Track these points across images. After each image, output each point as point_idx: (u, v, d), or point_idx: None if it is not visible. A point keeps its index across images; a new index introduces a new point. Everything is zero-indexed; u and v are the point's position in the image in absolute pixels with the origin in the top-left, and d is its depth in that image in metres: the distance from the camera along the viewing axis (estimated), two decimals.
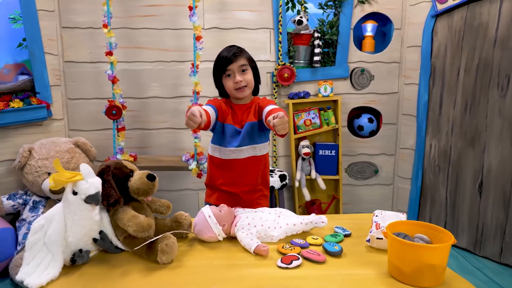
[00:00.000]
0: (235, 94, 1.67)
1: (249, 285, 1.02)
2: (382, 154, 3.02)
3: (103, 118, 2.66)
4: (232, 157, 1.67)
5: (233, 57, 1.61)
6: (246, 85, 1.64)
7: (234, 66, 1.61)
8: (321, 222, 1.31)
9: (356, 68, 2.88)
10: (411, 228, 1.14)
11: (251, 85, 1.68)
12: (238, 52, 1.64)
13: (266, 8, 2.76)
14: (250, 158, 1.69)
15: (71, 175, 1.01)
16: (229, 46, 1.69)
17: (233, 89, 1.65)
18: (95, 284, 1.00)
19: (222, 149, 1.70)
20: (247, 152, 1.68)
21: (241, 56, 1.64)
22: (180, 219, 1.25)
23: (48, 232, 1.03)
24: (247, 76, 1.64)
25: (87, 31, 2.66)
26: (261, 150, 1.72)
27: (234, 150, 1.67)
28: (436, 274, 1.03)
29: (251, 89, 1.69)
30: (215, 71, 1.69)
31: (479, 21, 2.44)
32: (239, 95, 1.67)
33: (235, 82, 1.62)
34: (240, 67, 1.63)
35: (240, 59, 1.63)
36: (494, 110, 2.40)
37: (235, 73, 1.63)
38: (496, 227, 2.45)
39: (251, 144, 1.69)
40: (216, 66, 1.68)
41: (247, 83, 1.64)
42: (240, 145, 1.67)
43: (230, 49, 1.65)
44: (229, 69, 1.62)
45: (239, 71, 1.63)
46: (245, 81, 1.63)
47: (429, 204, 2.87)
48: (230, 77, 1.64)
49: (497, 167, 2.42)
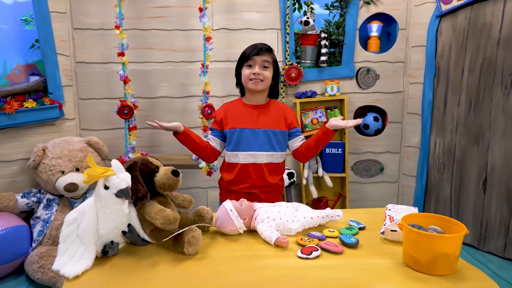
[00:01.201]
0: (249, 84, 1.71)
1: (272, 274, 1.08)
2: (388, 152, 3.08)
3: (114, 117, 2.71)
4: (251, 161, 1.73)
5: (260, 50, 1.67)
6: (262, 80, 1.69)
7: (258, 58, 1.67)
8: (337, 216, 1.37)
9: (362, 67, 2.94)
10: (424, 220, 1.20)
11: (267, 82, 1.72)
12: (266, 48, 1.70)
13: (273, 9, 2.81)
14: (268, 164, 1.74)
15: (104, 170, 1.06)
16: (258, 43, 1.76)
17: (249, 78, 1.70)
18: (127, 273, 1.06)
19: (242, 154, 1.74)
20: (265, 158, 1.73)
21: (268, 54, 1.70)
22: (203, 213, 1.30)
23: (81, 225, 1.08)
24: (266, 72, 1.69)
25: (98, 32, 2.71)
26: (278, 159, 1.78)
27: (253, 154, 1.72)
28: (449, 263, 1.08)
29: (266, 86, 1.73)
30: (239, 61, 1.75)
31: (483, 21, 2.49)
32: (252, 86, 1.71)
33: (253, 73, 1.68)
34: (263, 62, 1.68)
35: (266, 55, 1.69)
36: (498, 108, 2.46)
37: (256, 64, 1.68)
38: (500, 223, 2.51)
39: (270, 150, 1.74)
40: (242, 56, 1.74)
41: (264, 78, 1.69)
42: (260, 150, 1.72)
43: (259, 44, 1.72)
44: (252, 59, 1.68)
45: (261, 65, 1.68)
46: (263, 76, 1.68)
47: (433, 201, 2.92)
48: (250, 67, 1.70)
49: (501, 164, 2.47)
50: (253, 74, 1.68)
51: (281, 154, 1.79)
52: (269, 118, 1.74)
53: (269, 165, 1.76)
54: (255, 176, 1.73)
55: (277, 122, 1.75)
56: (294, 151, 1.82)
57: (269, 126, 1.74)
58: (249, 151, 1.73)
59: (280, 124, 1.75)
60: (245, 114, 1.75)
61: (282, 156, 1.80)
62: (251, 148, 1.73)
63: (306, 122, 2.87)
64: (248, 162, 1.74)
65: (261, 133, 1.73)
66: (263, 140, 1.73)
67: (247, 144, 1.73)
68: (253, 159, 1.73)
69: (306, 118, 2.87)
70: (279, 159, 1.78)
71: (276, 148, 1.75)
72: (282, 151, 1.79)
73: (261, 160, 1.73)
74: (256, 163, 1.73)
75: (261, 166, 1.74)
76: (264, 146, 1.73)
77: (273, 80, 1.77)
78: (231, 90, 2.84)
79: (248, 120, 1.74)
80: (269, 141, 1.73)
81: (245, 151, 1.73)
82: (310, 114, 2.87)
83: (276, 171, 1.80)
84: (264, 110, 1.76)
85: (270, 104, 1.79)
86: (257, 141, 1.73)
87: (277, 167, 1.80)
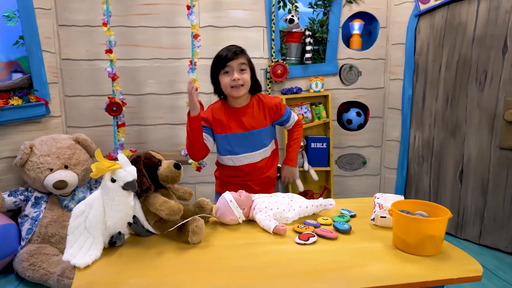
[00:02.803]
0: (231, 92, 1.68)
1: (273, 259, 1.14)
2: (370, 146, 3.20)
3: (100, 114, 2.72)
4: (245, 162, 1.78)
5: (234, 55, 1.64)
6: (243, 84, 1.67)
7: (234, 63, 1.65)
8: (330, 205, 1.45)
9: (344, 64, 3.04)
10: (412, 206, 1.29)
11: (248, 86, 1.70)
12: (239, 51, 1.67)
13: (259, 7, 2.87)
14: (264, 159, 1.81)
15: (111, 164, 1.10)
16: (230, 45, 1.71)
17: (229, 86, 1.66)
18: (135, 262, 1.10)
19: (235, 157, 1.79)
20: (259, 156, 1.79)
21: (242, 56, 1.67)
22: (203, 205, 1.35)
23: (88, 217, 1.12)
24: (244, 76, 1.67)
25: (83, 29, 2.70)
26: (271, 148, 1.85)
27: (247, 156, 1.77)
28: (435, 244, 1.18)
29: (247, 89, 1.71)
30: (214, 68, 1.71)
31: (459, 20, 2.63)
32: (234, 93, 1.68)
33: (233, 80, 1.65)
34: (240, 66, 1.66)
35: (241, 58, 1.66)
36: (473, 103, 2.60)
37: (234, 70, 1.65)
38: (475, 212, 2.66)
39: (263, 148, 1.80)
40: (216, 63, 1.70)
41: (244, 82, 1.67)
42: (253, 151, 1.78)
43: (231, 47, 1.69)
44: (228, 65, 1.65)
45: (238, 69, 1.66)
46: (243, 80, 1.66)
47: (413, 192, 3.06)
48: (228, 74, 1.66)
49: (476, 156, 2.62)
50: (233, 80, 1.65)
51: (271, 145, 1.86)
52: (253, 119, 1.75)
53: (263, 161, 1.83)
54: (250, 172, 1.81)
55: (262, 120, 1.77)
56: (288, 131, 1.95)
57: (256, 127, 1.75)
58: (243, 153, 1.77)
59: (265, 122, 1.78)
60: (232, 118, 1.75)
61: (272, 146, 1.87)
62: (244, 151, 1.77)
63: None
64: (243, 163, 1.79)
65: (250, 135, 1.75)
66: (253, 141, 1.77)
67: (239, 149, 1.76)
68: (248, 160, 1.79)
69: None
70: (271, 150, 1.86)
71: (266, 143, 1.82)
72: (271, 142, 1.86)
73: (256, 159, 1.80)
74: (251, 163, 1.80)
75: (256, 164, 1.81)
76: (256, 146, 1.78)
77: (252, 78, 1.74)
78: None
79: (235, 124, 1.74)
80: (259, 139, 1.78)
81: (238, 154, 1.77)
82: (296, 110, 2.95)
83: (270, 162, 1.87)
84: (249, 110, 1.76)
85: (253, 102, 1.78)
86: (248, 143, 1.76)
87: (270, 158, 1.88)
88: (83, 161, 2.47)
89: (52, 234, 2.30)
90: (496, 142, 2.50)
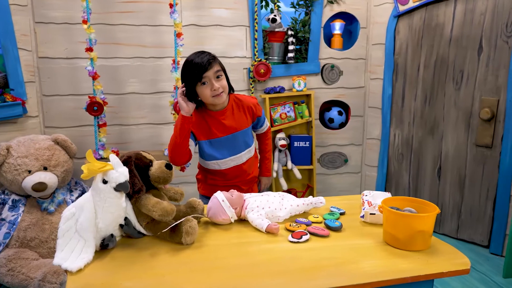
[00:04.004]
0: (213, 101, 1.64)
1: (267, 258, 1.15)
2: (351, 144, 3.25)
3: (80, 114, 2.65)
4: (232, 165, 1.79)
5: (207, 64, 1.56)
6: (223, 91, 1.63)
7: (210, 73, 1.58)
8: (320, 203, 1.46)
9: (326, 64, 3.08)
10: (401, 203, 1.32)
11: (227, 90, 1.67)
12: (212, 59, 1.60)
13: (241, 6, 2.87)
14: (249, 159, 1.83)
15: (102, 165, 1.08)
16: (199, 52, 1.64)
17: (211, 96, 1.62)
18: (129, 264, 1.08)
19: (221, 162, 1.78)
20: (244, 157, 1.81)
21: (215, 63, 1.61)
22: (194, 205, 1.34)
23: (79, 220, 1.09)
24: (222, 82, 1.63)
25: (62, 26, 2.63)
26: (253, 147, 1.87)
27: (233, 159, 1.78)
28: (424, 240, 1.21)
29: (226, 93, 1.68)
30: (189, 78, 1.61)
31: (436, 21, 2.71)
32: (217, 101, 1.64)
33: (213, 90, 1.60)
34: (215, 73, 1.60)
35: (215, 65, 1.60)
36: (450, 102, 2.69)
37: (211, 80, 1.59)
38: (453, 207, 2.75)
39: (247, 148, 1.82)
40: (190, 74, 1.59)
41: (224, 89, 1.63)
42: (238, 153, 1.79)
43: (202, 55, 1.59)
44: (205, 77, 1.57)
45: (214, 77, 1.60)
46: (222, 87, 1.62)
47: (394, 189, 3.13)
48: (206, 85, 1.60)
49: (453, 153, 2.71)
50: (213, 90, 1.60)
51: (254, 144, 1.89)
52: (235, 121, 1.74)
53: (249, 161, 1.85)
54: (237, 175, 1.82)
55: (243, 121, 1.78)
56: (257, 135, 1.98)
57: (239, 128, 1.75)
58: (229, 157, 1.76)
59: (247, 121, 1.79)
60: (213, 123, 1.73)
61: (253, 143, 1.89)
62: (230, 154, 1.76)
63: (275, 117, 2.96)
64: (229, 166, 1.79)
65: (233, 137, 1.74)
66: (237, 143, 1.77)
67: (224, 152, 1.76)
68: (234, 163, 1.79)
69: (275, 113, 2.96)
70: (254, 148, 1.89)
71: (250, 143, 1.84)
72: (253, 140, 1.89)
73: (242, 160, 1.81)
74: (237, 165, 1.80)
75: (241, 166, 1.82)
76: (240, 147, 1.79)
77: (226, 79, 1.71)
78: None
79: (217, 128, 1.72)
80: (243, 140, 1.79)
81: (224, 158, 1.77)
82: (279, 109, 2.97)
83: (255, 161, 1.91)
84: (228, 113, 1.74)
85: (231, 103, 1.76)
86: (233, 146, 1.76)
87: (254, 158, 1.91)
88: (63, 162, 2.40)
89: (31, 238, 2.23)
90: (472, 139, 2.59)
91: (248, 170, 1.85)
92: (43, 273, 2.00)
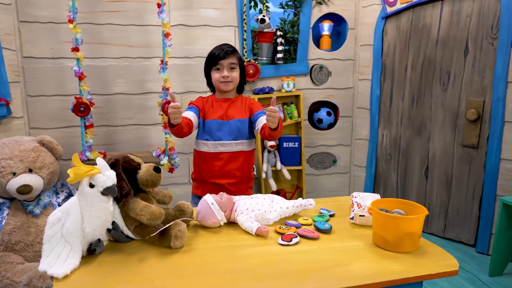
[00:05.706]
0: (220, 86, 1.84)
1: (258, 261, 1.14)
2: (340, 145, 3.27)
3: (65, 115, 2.61)
4: (220, 150, 1.82)
5: (225, 54, 1.79)
6: (231, 81, 1.83)
7: (225, 62, 1.80)
8: (309, 205, 1.46)
9: (315, 65, 3.08)
10: (390, 205, 1.33)
11: (236, 82, 1.87)
12: (231, 51, 1.81)
13: (230, 6, 2.85)
14: (239, 152, 1.83)
15: (89, 168, 1.05)
16: (224, 44, 1.86)
17: (219, 81, 1.82)
18: (117, 269, 1.06)
19: (211, 143, 1.84)
20: (235, 147, 1.83)
21: (233, 55, 1.82)
22: (183, 208, 1.33)
23: (65, 225, 1.06)
24: (234, 74, 1.84)
25: (47, 25, 2.58)
26: (248, 146, 1.88)
27: (223, 144, 1.83)
28: (413, 241, 1.22)
29: (235, 85, 1.88)
30: (207, 64, 1.86)
31: (423, 23, 2.73)
32: (223, 87, 1.84)
33: (222, 76, 1.81)
34: (230, 64, 1.81)
35: (231, 57, 1.81)
36: (437, 102, 2.72)
37: (224, 68, 1.81)
38: (440, 206, 2.78)
39: (240, 139, 1.85)
40: (209, 60, 1.86)
41: (233, 79, 1.84)
42: (229, 139, 1.83)
43: (224, 47, 1.82)
44: (219, 64, 1.80)
45: (228, 67, 1.81)
46: (231, 77, 1.83)
47: (382, 189, 3.16)
48: (219, 71, 1.82)
49: (440, 153, 2.74)
50: (222, 77, 1.81)
51: (249, 142, 1.89)
52: (237, 110, 1.88)
53: (238, 153, 1.84)
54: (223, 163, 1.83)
55: (242, 112, 1.89)
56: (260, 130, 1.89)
57: (235, 117, 1.87)
58: (219, 140, 1.84)
59: (245, 114, 1.89)
60: (217, 107, 1.88)
61: (250, 144, 1.89)
62: (221, 138, 1.83)
63: None
64: (218, 151, 1.83)
65: (231, 123, 1.85)
66: (232, 129, 1.84)
67: (218, 134, 1.83)
68: (223, 148, 1.83)
69: None
70: (248, 147, 1.89)
71: (244, 136, 1.87)
72: (250, 139, 1.90)
73: (231, 149, 1.83)
74: (225, 152, 1.83)
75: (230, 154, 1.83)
76: (232, 134, 1.84)
77: (241, 76, 1.90)
78: (189, 86, 2.85)
79: (219, 112, 1.86)
80: (238, 129, 1.85)
81: (215, 141, 1.84)
82: None
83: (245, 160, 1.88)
84: (233, 103, 1.90)
85: (238, 98, 1.93)
86: (228, 131, 1.83)
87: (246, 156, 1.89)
88: (49, 164, 2.35)
89: (16, 242, 2.18)
90: (459, 139, 2.62)
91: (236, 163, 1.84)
92: (28, 278, 1.95)
